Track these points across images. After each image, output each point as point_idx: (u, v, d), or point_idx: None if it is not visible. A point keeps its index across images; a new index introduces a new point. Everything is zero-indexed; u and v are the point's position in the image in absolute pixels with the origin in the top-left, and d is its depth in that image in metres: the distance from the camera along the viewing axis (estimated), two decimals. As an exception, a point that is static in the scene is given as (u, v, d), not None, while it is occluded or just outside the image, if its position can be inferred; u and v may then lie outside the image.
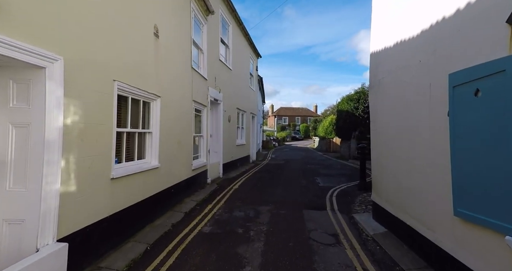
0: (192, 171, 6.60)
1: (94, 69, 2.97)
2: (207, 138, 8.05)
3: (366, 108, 15.53)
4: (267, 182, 8.54)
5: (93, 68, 2.96)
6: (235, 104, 11.43)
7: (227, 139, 10.24)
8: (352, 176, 9.81)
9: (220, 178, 9.16)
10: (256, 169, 11.90)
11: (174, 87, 5.39)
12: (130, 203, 3.72)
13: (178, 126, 5.60)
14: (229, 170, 10.44)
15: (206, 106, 7.89)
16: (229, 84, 10.46)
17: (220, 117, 9.32)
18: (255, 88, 16.15)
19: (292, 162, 14.80)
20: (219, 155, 9.31)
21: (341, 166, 13.29)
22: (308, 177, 9.61)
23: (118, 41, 3.43)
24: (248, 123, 14.09)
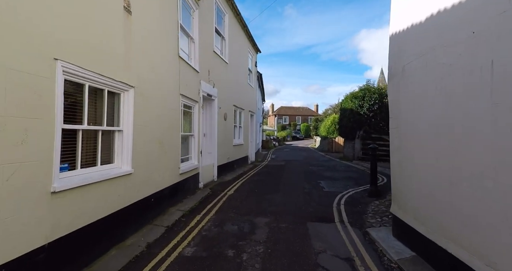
0: (180, 175, 5.75)
1: (18, 40, 2.12)
2: (199, 138, 7.20)
3: (371, 106, 14.70)
4: (266, 187, 7.69)
5: (17, 37, 2.11)
6: (232, 101, 10.58)
7: (223, 138, 9.40)
8: (359, 180, 8.96)
9: (214, 181, 8.31)
10: (254, 170, 11.05)
11: (154, 77, 4.54)
12: (86, 221, 2.88)
13: (160, 124, 4.75)
14: (225, 172, 9.59)
15: (198, 102, 7.04)
16: (225, 79, 9.61)
17: (214, 114, 8.47)
18: (254, 85, 15.30)
19: (293, 163, 13.96)
20: (214, 156, 8.47)
21: (346, 167, 12.44)
22: (311, 181, 8.76)
23: (65, 7, 2.58)
24: (246, 122, 13.25)
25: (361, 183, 8.29)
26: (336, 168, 12.13)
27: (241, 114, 12.40)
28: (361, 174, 10.40)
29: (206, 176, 7.86)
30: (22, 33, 2.15)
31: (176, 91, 5.55)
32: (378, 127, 14.81)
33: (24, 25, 2.17)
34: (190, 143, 6.90)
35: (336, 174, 10.31)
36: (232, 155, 10.63)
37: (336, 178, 9.37)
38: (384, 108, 14.70)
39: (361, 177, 9.48)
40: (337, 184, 8.24)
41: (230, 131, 10.41)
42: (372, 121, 14.79)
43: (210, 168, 8.24)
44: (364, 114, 14.80)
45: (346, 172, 10.79)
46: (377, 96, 14.71)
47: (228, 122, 9.99)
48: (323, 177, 9.56)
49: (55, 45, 2.44)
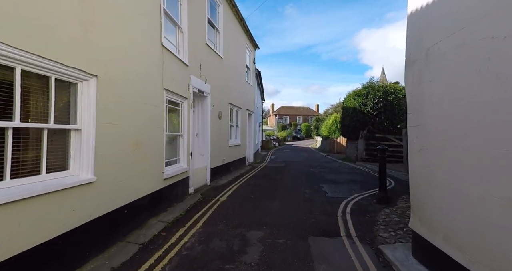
0: (164, 181, 5.06)
1: None
2: (189, 138, 6.52)
3: (375, 104, 14.01)
4: (262, 192, 7.00)
5: None
6: (228, 99, 9.89)
7: (217, 138, 8.71)
8: (365, 183, 8.26)
9: (207, 185, 7.62)
10: (252, 173, 10.36)
11: (128, 67, 3.86)
12: (12, 251, 2.19)
13: (136, 122, 4.07)
14: (220, 175, 8.91)
15: (187, 98, 6.35)
16: (220, 75, 8.93)
17: (207, 113, 7.78)
18: (252, 82, 14.62)
19: (293, 165, 13.26)
20: (206, 158, 7.78)
21: (349, 169, 11.73)
22: (312, 184, 8.06)
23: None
24: (244, 121, 12.56)
25: (367, 187, 7.59)
26: (339, 170, 11.42)
27: (238, 113, 11.71)
28: (366, 176, 9.69)
29: (198, 179, 7.17)
30: None
31: (159, 85, 4.86)
32: (382, 127, 14.12)
33: None
34: (179, 144, 6.21)
35: (339, 176, 9.61)
36: (228, 157, 9.95)
37: (339, 181, 8.66)
38: (389, 106, 14.02)
39: (367, 180, 8.77)
40: (341, 188, 7.54)
41: (226, 131, 9.73)
42: (376, 120, 14.10)
43: (203, 171, 7.55)
44: (367, 113, 14.10)
45: (350, 174, 10.08)
46: (381, 94, 14.01)
47: (223, 122, 9.30)
48: (325, 180, 8.86)
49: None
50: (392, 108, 13.98)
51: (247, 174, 10.18)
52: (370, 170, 11.46)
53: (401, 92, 14.11)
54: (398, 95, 14.02)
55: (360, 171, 11.27)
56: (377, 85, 14.65)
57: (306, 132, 54.32)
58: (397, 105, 13.97)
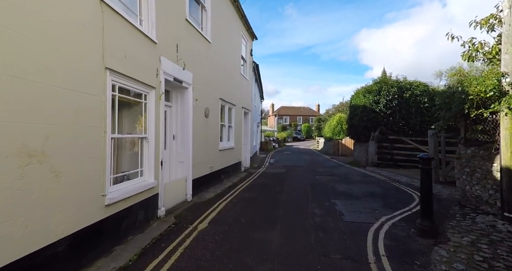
0: (107, 208, 3.35)
1: None
2: (159, 142, 4.83)
3: (389, 102, 12.32)
4: (258, 212, 5.30)
5: None
6: (218, 94, 8.21)
7: (203, 141, 7.03)
8: (387, 197, 6.56)
9: (187, 202, 5.93)
10: (247, 182, 8.66)
11: (13, 21, 2.18)
12: None
13: (34, 119, 2.38)
14: (206, 186, 7.22)
15: (156, 88, 4.67)
16: (207, 64, 7.25)
17: (188, 109, 6.10)
18: (249, 77, 12.93)
19: (296, 170, 11.57)
20: (187, 167, 6.09)
21: (361, 177, 10.04)
22: (321, 199, 6.37)
23: None
24: (239, 120, 10.87)
25: (393, 204, 5.90)
26: (350, 178, 9.73)
27: (231, 111, 10.02)
28: (385, 187, 7.99)
29: (174, 195, 5.48)
30: None
31: (94, 61, 3.16)
32: (396, 127, 12.44)
33: None
34: (143, 150, 4.52)
35: (353, 187, 7.91)
36: (218, 163, 8.26)
37: (354, 194, 6.97)
38: (404, 104, 12.34)
39: (388, 193, 7.08)
40: (359, 205, 5.85)
41: (215, 132, 8.04)
42: (390, 120, 12.42)
43: (181, 184, 5.86)
44: (380, 112, 12.43)
45: (365, 184, 8.38)
46: (395, 90, 12.33)
47: (211, 121, 7.62)
48: (336, 192, 7.17)
49: None
50: (408, 107, 12.29)
51: (242, 183, 8.48)
52: (386, 178, 9.77)
53: (418, 89, 12.43)
54: (415, 92, 12.34)
55: (374, 179, 9.58)
56: (391, 80, 12.96)
57: (306, 133, 52.70)
58: (414, 103, 12.29)
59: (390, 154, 12.56)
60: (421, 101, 12.28)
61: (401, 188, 7.87)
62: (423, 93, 12.34)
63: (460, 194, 5.78)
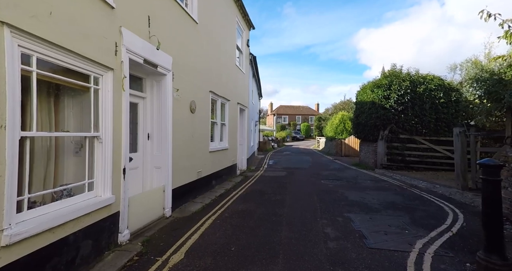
0: (4, 252, 2.12)
1: None
2: (120, 142, 3.60)
3: (400, 97, 11.13)
4: (253, 235, 4.08)
5: None
6: (208, 86, 6.98)
7: (188, 141, 5.81)
8: (413, 210, 5.36)
9: (165, 219, 4.71)
10: (242, 189, 7.44)
11: None
12: None
13: None
14: (193, 195, 6.00)
15: (115, 70, 3.44)
16: (193, 48, 6.02)
17: (166, 101, 4.87)
18: (246, 70, 11.70)
19: (298, 174, 10.36)
20: (165, 173, 4.86)
21: (372, 181, 8.83)
22: (332, 213, 5.16)
23: None
24: (233, 118, 9.65)
25: (422, 219, 4.70)
26: (359, 182, 8.53)
27: (224, 107, 8.79)
28: (404, 194, 6.78)
29: (144, 212, 4.25)
30: None
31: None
32: (409, 126, 11.25)
33: None
34: (96, 154, 3.28)
35: (366, 195, 6.71)
36: (208, 166, 7.04)
37: (371, 204, 5.76)
38: (417, 100, 11.16)
39: (411, 203, 5.88)
40: (381, 221, 4.65)
41: (204, 130, 6.81)
42: (401, 117, 11.22)
43: (156, 196, 4.63)
44: (390, 109, 11.22)
45: (379, 191, 7.18)
46: (408, 84, 11.13)
47: (199, 117, 6.39)
48: (348, 202, 5.96)
49: None
50: (421, 103, 11.09)
51: (236, 190, 7.26)
52: (401, 183, 8.58)
53: (432, 83, 11.24)
54: (429, 86, 11.14)
55: (388, 184, 8.37)
56: (402, 74, 11.76)
57: (305, 133, 51.60)
58: (428, 98, 11.10)
59: (401, 155, 11.37)
60: (436, 97, 11.09)
61: (423, 196, 6.67)
62: (438, 88, 11.15)
63: (508, 208, 4.59)
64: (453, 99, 11.20)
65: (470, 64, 12.24)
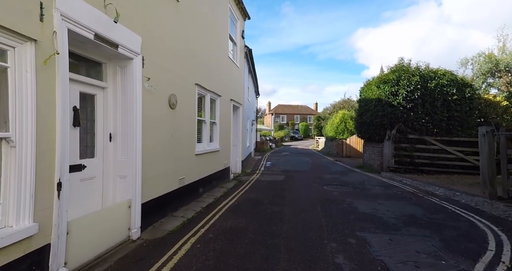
0: None
1: None
2: (52, 146, 2.56)
3: (409, 93, 10.16)
4: (242, 267, 3.06)
5: None
6: (193, 77, 5.96)
7: (166, 143, 4.79)
8: (439, 227, 4.36)
9: (130, 243, 3.67)
10: (234, 197, 6.42)
11: None
12: None
13: None
14: (172, 207, 4.97)
15: (38, 42, 2.40)
16: (172, 30, 4.99)
17: (135, 93, 3.83)
18: (240, 64, 10.67)
19: (297, 178, 9.36)
20: (131, 184, 3.82)
21: (382, 187, 7.84)
22: (341, 232, 4.15)
23: None
24: (226, 116, 8.62)
25: (457, 242, 3.70)
26: (368, 189, 7.53)
27: (215, 103, 7.77)
28: (423, 205, 5.78)
29: (98, 237, 3.22)
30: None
31: None
32: (418, 125, 10.29)
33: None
34: (9, 164, 2.25)
35: (379, 206, 5.71)
36: (194, 172, 6.01)
37: (387, 219, 4.76)
38: (428, 97, 10.21)
39: (435, 218, 4.88)
40: (405, 244, 3.64)
41: (189, 130, 5.78)
42: (410, 115, 10.25)
43: (119, 214, 3.59)
44: (398, 106, 10.25)
45: (393, 201, 6.18)
46: (418, 79, 10.16)
47: (181, 114, 5.36)
48: (359, 215, 4.95)
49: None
50: (432, 99, 10.13)
51: (226, 199, 6.24)
52: (414, 189, 7.60)
53: (444, 78, 10.28)
54: (440, 82, 10.18)
55: (401, 191, 7.38)
56: (411, 68, 10.78)
57: (304, 132, 50.71)
58: (440, 95, 10.14)
59: (410, 157, 10.41)
60: (449, 93, 10.13)
61: (446, 207, 5.69)
62: (450, 83, 10.19)
63: None
64: (467, 96, 10.25)
65: (483, 58, 11.34)
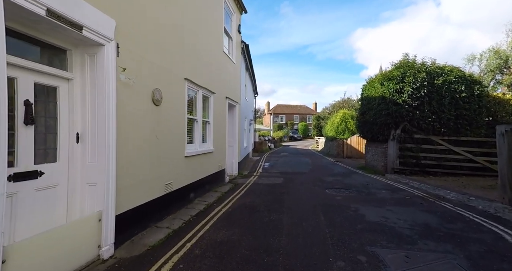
0: None
1: None
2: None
3: (415, 91, 9.62)
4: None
5: None
6: (182, 71, 5.39)
7: (148, 144, 4.21)
8: (461, 239, 3.80)
9: (101, 263, 3.09)
10: (228, 203, 5.85)
11: None
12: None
13: None
14: (157, 216, 4.39)
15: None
16: (153, 16, 4.42)
17: (106, 86, 3.26)
18: (237, 60, 10.10)
19: (297, 180, 8.79)
20: (102, 193, 3.24)
21: (388, 190, 7.28)
22: (349, 246, 3.59)
23: None
24: (220, 115, 8.05)
25: (486, 260, 3.15)
26: (373, 193, 6.97)
27: (208, 101, 7.19)
28: (436, 212, 5.21)
29: (54, 262, 2.64)
30: None
31: None
32: (425, 124, 9.75)
33: None
34: None
35: (388, 212, 5.15)
36: (184, 176, 5.44)
37: (401, 231, 4.19)
38: (435, 94, 9.68)
39: (453, 228, 4.31)
40: (427, 264, 3.08)
41: (177, 129, 5.21)
42: (416, 114, 9.72)
43: (86, 229, 3.01)
44: (404, 104, 9.71)
45: (403, 207, 5.62)
46: (424, 75, 9.62)
47: (167, 112, 4.79)
48: (368, 225, 4.38)
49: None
50: (440, 97, 9.59)
51: (219, 206, 5.67)
52: (423, 193, 7.04)
53: (451, 74, 9.74)
54: (448, 78, 9.64)
55: (409, 195, 6.82)
56: (417, 64, 10.23)
57: (303, 132, 50.21)
58: (448, 92, 9.60)
59: (416, 158, 9.88)
60: (457, 90, 9.59)
61: (462, 215, 5.14)
62: (458, 80, 9.65)
63: None
64: (476, 94, 9.71)
65: (492, 54, 10.83)
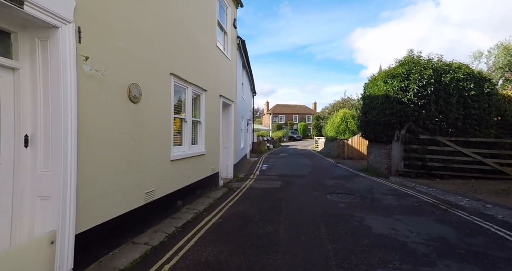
0: None
1: None
2: None
3: (421, 89, 9.06)
4: None
5: None
6: (166, 65, 4.81)
7: (125, 147, 3.63)
8: (488, 262, 3.23)
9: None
10: (219, 212, 5.27)
11: None
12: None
13: None
14: (136, 230, 3.80)
15: None
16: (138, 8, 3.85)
17: (62, 77, 2.67)
18: (232, 56, 9.51)
19: (296, 184, 8.22)
20: (59, 207, 2.65)
21: (394, 196, 6.71)
22: (356, 267, 3.01)
23: None
24: (213, 114, 7.46)
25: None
26: (379, 199, 6.40)
27: (199, 99, 6.61)
28: (451, 222, 4.64)
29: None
30: None
31: None
32: (431, 124, 9.19)
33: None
34: None
35: (398, 224, 4.58)
36: (169, 182, 4.87)
37: (415, 247, 3.62)
38: (442, 92, 9.12)
39: (475, 244, 3.74)
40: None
41: (160, 129, 4.63)
42: (422, 113, 9.15)
43: (32, 256, 2.43)
44: (409, 103, 9.15)
45: (414, 216, 5.05)
46: (431, 73, 9.05)
47: (148, 110, 4.21)
48: (376, 240, 3.82)
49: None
50: (447, 96, 9.03)
51: (209, 215, 5.09)
52: (433, 199, 6.48)
53: (459, 71, 9.18)
54: (456, 76, 9.08)
55: (418, 201, 6.25)
56: (423, 60, 9.67)
57: (303, 132, 49.67)
58: (456, 90, 9.04)
59: (422, 160, 9.32)
60: (465, 88, 9.04)
61: (482, 226, 4.57)
62: (467, 78, 9.10)
63: None
64: (486, 92, 9.17)
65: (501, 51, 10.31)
